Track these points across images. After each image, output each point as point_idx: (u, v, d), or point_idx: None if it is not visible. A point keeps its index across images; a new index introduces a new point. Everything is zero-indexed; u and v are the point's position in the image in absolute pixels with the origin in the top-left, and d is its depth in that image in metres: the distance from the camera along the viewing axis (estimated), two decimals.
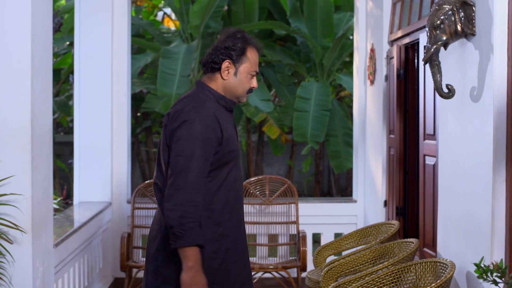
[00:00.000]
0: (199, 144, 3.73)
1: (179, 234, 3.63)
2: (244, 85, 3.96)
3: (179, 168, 3.70)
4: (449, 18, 4.98)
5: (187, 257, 3.66)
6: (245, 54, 3.93)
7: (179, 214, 3.63)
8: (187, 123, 3.75)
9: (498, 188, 4.70)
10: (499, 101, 4.68)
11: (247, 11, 14.25)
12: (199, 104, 3.84)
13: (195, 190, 3.69)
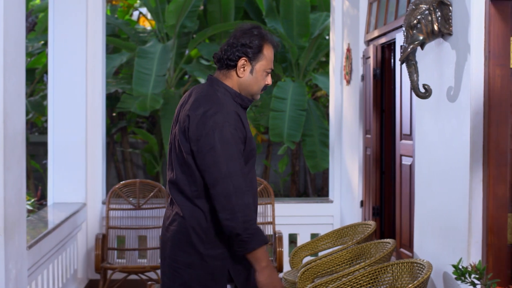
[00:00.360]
0: (234, 147, 3.65)
1: (247, 239, 3.60)
2: (259, 82, 3.87)
3: (223, 175, 3.62)
4: (425, 18, 4.96)
5: (259, 258, 3.64)
6: (261, 51, 3.83)
7: (242, 220, 3.58)
8: (218, 129, 3.65)
9: (475, 188, 4.68)
10: (476, 101, 4.66)
11: (223, 10, 14.22)
12: (222, 106, 3.73)
13: (246, 192, 3.65)
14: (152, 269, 7.64)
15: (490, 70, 4.62)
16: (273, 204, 8.24)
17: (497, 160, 4.63)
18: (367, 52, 7.59)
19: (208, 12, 14.45)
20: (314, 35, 13.86)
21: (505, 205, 4.65)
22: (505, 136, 4.63)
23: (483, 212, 4.67)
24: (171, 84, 14.21)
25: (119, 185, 8.26)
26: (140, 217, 8.28)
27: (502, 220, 4.65)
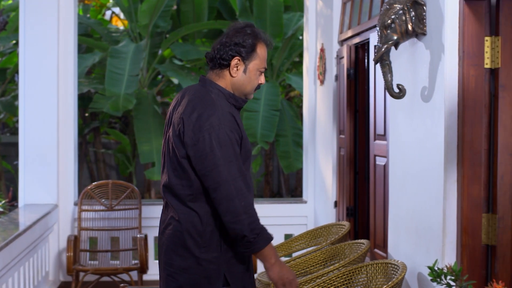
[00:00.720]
0: (231, 149, 3.61)
1: (254, 240, 3.57)
2: (252, 82, 3.82)
3: (224, 179, 3.57)
4: (400, 18, 4.94)
5: (267, 256, 3.62)
6: (255, 50, 3.78)
7: (247, 222, 3.55)
8: (214, 132, 3.60)
9: (449, 189, 4.67)
10: (450, 101, 4.65)
11: (196, 10, 14.17)
12: (216, 108, 3.67)
13: (248, 193, 3.61)
14: (125, 270, 7.58)
15: (464, 70, 4.61)
16: None
17: (471, 160, 4.62)
18: (341, 52, 7.57)
19: (181, 12, 14.39)
20: (287, 35, 13.85)
21: (479, 206, 4.64)
22: (479, 136, 4.62)
23: (458, 213, 4.66)
24: (144, 84, 14.14)
25: (91, 186, 8.19)
26: (112, 218, 8.22)
27: (476, 220, 4.64)
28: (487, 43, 4.61)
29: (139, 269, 7.60)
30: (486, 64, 4.61)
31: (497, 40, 4.57)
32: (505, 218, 4.60)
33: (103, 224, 8.20)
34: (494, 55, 4.58)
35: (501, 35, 4.57)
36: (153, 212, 8.53)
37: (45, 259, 7.90)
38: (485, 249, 4.67)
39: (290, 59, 14.62)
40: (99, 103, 12.81)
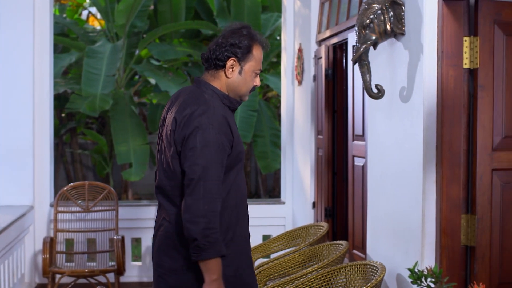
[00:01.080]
0: (214, 151, 3.55)
1: (204, 247, 3.48)
2: (248, 83, 3.79)
3: (197, 178, 3.51)
4: (378, 18, 4.91)
5: (210, 270, 3.52)
6: (251, 52, 3.74)
7: (203, 226, 3.47)
8: (200, 130, 3.55)
9: (428, 189, 4.65)
10: (429, 101, 4.63)
11: (173, 10, 14.11)
12: (208, 108, 3.62)
13: (215, 200, 3.53)
14: (102, 272, 7.52)
15: (443, 70, 4.59)
16: None
17: (450, 161, 4.60)
18: (319, 52, 7.54)
19: (158, 12, 14.33)
20: (265, 36, 13.80)
21: (458, 206, 4.62)
22: (458, 137, 4.60)
23: (437, 213, 4.64)
24: (120, 85, 14.05)
25: (68, 187, 8.11)
26: (89, 219, 8.15)
27: (455, 221, 4.62)
28: (465, 43, 4.59)
29: (116, 271, 7.54)
30: (465, 64, 4.60)
31: (476, 40, 4.56)
32: (484, 218, 4.59)
33: (79, 226, 8.13)
34: (473, 55, 4.57)
35: (480, 35, 4.56)
36: (130, 214, 8.48)
37: (20, 261, 7.82)
38: (464, 250, 4.66)
39: (267, 59, 14.58)
40: (76, 103, 12.72)
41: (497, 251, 4.64)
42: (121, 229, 8.20)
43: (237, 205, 3.76)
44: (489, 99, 4.58)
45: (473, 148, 4.61)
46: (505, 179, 4.65)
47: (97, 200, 8.09)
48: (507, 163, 4.65)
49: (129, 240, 8.48)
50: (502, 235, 4.65)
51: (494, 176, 4.61)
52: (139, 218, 8.60)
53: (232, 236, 3.72)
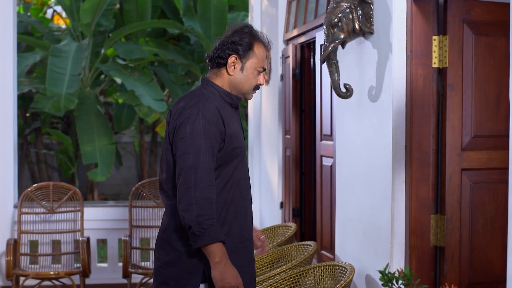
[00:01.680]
0: (204, 140, 3.58)
1: (199, 234, 3.49)
2: (250, 81, 3.79)
3: (188, 166, 3.55)
4: (347, 16, 4.88)
5: (212, 253, 3.52)
6: (252, 49, 3.75)
7: (195, 213, 3.49)
8: (190, 120, 3.59)
9: (398, 190, 4.62)
10: (398, 100, 4.59)
11: (139, 9, 14.03)
12: (201, 99, 3.66)
13: (207, 187, 3.54)
14: (67, 275, 7.40)
15: (412, 69, 4.56)
16: None
17: (419, 160, 4.57)
18: (286, 52, 7.49)
19: (124, 11, 14.23)
20: None
21: (427, 206, 4.59)
22: (427, 137, 4.57)
23: (406, 214, 4.61)
24: (86, 84, 13.93)
25: (32, 188, 7.99)
26: (53, 221, 8.03)
27: (425, 221, 4.60)
28: (434, 42, 4.56)
29: (82, 273, 7.43)
30: (434, 63, 4.57)
31: (445, 39, 4.53)
32: (454, 219, 4.56)
33: (44, 227, 8.00)
34: (442, 54, 4.54)
35: (449, 34, 4.54)
36: (96, 214, 8.38)
37: None
38: (433, 250, 4.63)
39: None
40: (41, 103, 12.58)
41: (466, 251, 4.62)
42: (86, 230, 8.09)
43: (234, 202, 3.75)
44: (458, 98, 4.55)
45: (442, 148, 4.58)
46: (474, 179, 4.63)
47: (62, 201, 7.97)
48: (476, 163, 4.63)
49: (94, 241, 8.37)
50: (472, 235, 4.63)
51: (463, 176, 4.59)
52: (104, 219, 8.50)
53: (227, 231, 3.71)
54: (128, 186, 16.96)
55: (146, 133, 16.96)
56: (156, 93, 13.00)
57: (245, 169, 3.82)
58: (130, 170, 17.64)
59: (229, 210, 3.72)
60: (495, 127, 4.66)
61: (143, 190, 8.10)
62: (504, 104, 4.66)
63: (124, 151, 17.42)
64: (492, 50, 4.64)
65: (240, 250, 3.79)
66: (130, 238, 7.76)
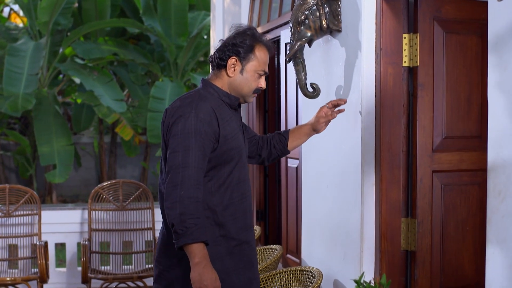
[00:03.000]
0: (194, 138, 3.51)
1: (181, 232, 3.41)
2: (250, 84, 3.71)
3: (176, 164, 3.48)
4: (313, 14, 4.73)
5: (192, 253, 3.43)
6: (253, 51, 3.67)
7: (179, 212, 3.40)
8: (183, 118, 3.53)
9: (367, 192, 4.48)
10: (367, 100, 4.45)
11: (98, 8, 13.93)
12: (196, 99, 3.62)
13: (194, 186, 3.47)
14: (24, 281, 7.19)
15: (382, 68, 4.43)
16: (152, 209, 7.92)
17: (390, 162, 4.44)
18: None
19: (83, 10, 14.12)
20: (192, 34, 13.66)
21: (398, 210, 4.46)
22: (397, 138, 4.44)
23: (376, 217, 4.48)
24: (44, 84, 13.71)
25: None
26: (10, 224, 7.80)
27: (395, 225, 4.46)
28: (405, 41, 4.44)
29: (39, 278, 7.21)
30: (404, 62, 4.44)
31: (415, 37, 4.41)
32: (425, 222, 4.44)
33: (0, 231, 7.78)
34: (413, 53, 4.42)
35: (419, 32, 4.41)
36: (54, 218, 8.16)
37: None
38: (404, 255, 4.51)
39: (195, 59, 14.46)
40: None
41: (438, 255, 4.50)
42: (44, 233, 7.88)
43: (232, 204, 3.70)
44: (429, 98, 4.43)
45: (413, 149, 4.45)
46: (445, 181, 4.51)
47: (19, 204, 7.75)
48: (447, 164, 4.51)
49: (52, 245, 8.16)
50: (443, 239, 4.51)
51: (434, 178, 4.47)
52: (63, 222, 8.28)
53: (224, 233, 3.66)
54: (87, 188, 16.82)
55: (106, 134, 16.83)
56: (116, 93, 12.89)
57: (244, 171, 3.76)
58: (89, 171, 17.49)
59: (226, 212, 3.67)
60: (466, 128, 4.54)
61: (103, 193, 7.90)
62: (475, 104, 4.55)
63: (83, 152, 17.25)
64: (463, 48, 4.52)
65: (236, 252, 3.71)
66: (89, 242, 7.58)
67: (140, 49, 14.38)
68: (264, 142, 4.13)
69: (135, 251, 7.96)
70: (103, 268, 7.85)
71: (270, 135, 4.16)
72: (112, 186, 8.01)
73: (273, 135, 4.17)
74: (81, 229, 8.11)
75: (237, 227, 3.70)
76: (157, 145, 15.59)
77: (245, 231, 3.75)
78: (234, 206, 3.69)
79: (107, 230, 7.87)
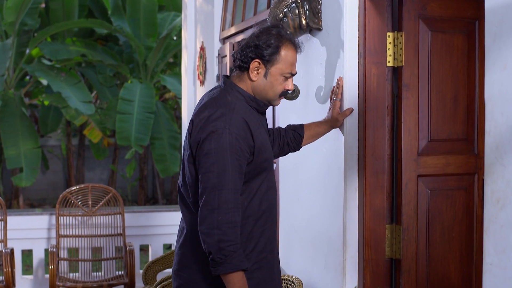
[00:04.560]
0: (230, 157, 3.27)
1: (220, 260, 3.22)
2: (275, 88, 3.48)
3: (211, 186, 3.25)
4: (292, 11, 4.55)
5: (231, 282, 3.26)
6: (278, 53, 3.43)
7: (217, 238, 3.21)
8: (215, 135, 3.28)
9: (350, 198, 4.27)
10: (350, 102, 4.25)
11: (66, 8, 13.79)
12: (228, 111, 3.35)
13: (232, 209, 3.25)
14: None
15: (365, 68, 4.22)
16: (123, 214, 7.71)
17: (373, 166, 4.24)
18: (223, 51, 7.12)
19: (50, 10, 13.99)
20: (162, 35, 13.51)
21: (382, 216, 4.27)
22: (381, 141, 4.25)
23: (359, 224, 4.27)
24: (10, 85, 13.47)
25: None
26: None
27: (379, 232, 4.27)
28: (389, 39, 4.24)
29: (4, 287, 6.97)
30: (389, 62, 4.25)
31: (400, 36, 4.22)
32: (410, 229, 4.25)
33: None
34: (397, 52, 4.23)
35: (404, 30, 4.21)
36: (21, 224, 7.91)
37: None
38: (389, 263, 4.31)
39: (164, 60, 14.30)
40: None
41: (423, 263, 4.30)
42: (10, 240, 7.63)
43: (262, 216, 3.48)
44: (414, 99, 4.23)
45: (397, 153, 4.26)
46: (431, 186, 4.31)
47: None
48: (433, 168, 4.31)
49: (19, 252, 7.91)
50: (428, 246, 4.32)
51: (420, 182, 4.27)
52: (30, 228, 8.02)
53: (253, 247, 3.46)
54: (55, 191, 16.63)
55: (74, 136, 16.66)
56: (84, 95, 12.72)
57: (272, 180, 3.54)
58: (57, 174, 17.29)
59: (257, 225, 3.45)
60: (453, 130, 4.35)
61: (71, 198, 7.67)
62: (461, 106, 4.37)
63: (50, 155, 17.04)
64: (449, 48, 4.33)
65: (269, 265, 3.53)
66: (57, 249, 7.33)
67: (108, 50, 14.21)
68: (277, 137, 3.93)
69: (104, 258, 7.73)
70: (71, 276, 7.63)
71: (282, 129, 3.96)
72: (80, 190, 7.79)
73: (286, 130, 3.97)
74: (49, 235, 7.87)
75: (266, 238, 3.49)
76: (126, 148, 15.41)
77: (272, 241, 3.55)
78: (265, 217, 3.48)
79: (75, 236, 7.65)
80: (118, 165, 16.44)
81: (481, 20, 4.39)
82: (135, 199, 16.94)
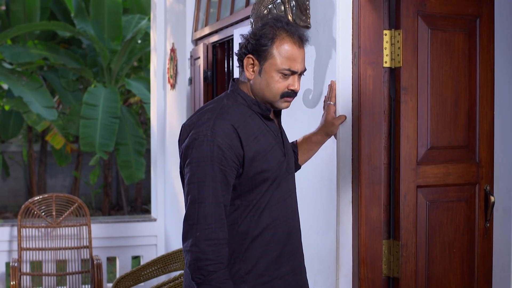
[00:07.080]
0: (211, 167, 2.96)
1: (198, 281, 2.94)
2: (271, 87, 3.09)
3: (192, 199, 2.97)
4: (278, 7, 4.23)
5: None
6: (271, 46, 3.06)
7: (195, 257, 2.92)
8: (197, 142, 2.98)
9: (344, 211, 3.92)
10: (343, 106, 3.90)
11: (27, 10, 13.54)
12: (215, 116, 3.03)
13: (211, 225, 2.94)
14: None
15: (360, 69, 3.87)
16: (89, 225, 7.32)
17: (369, 177, 3.88)
18: (196, 52, 6.76)
19: (10, 12, 13.75)
20: (126, 39, 13.24)
21: (379, 230, 3.91)
22: (378, 149, 3.89)
23: (354, 240, 3.92)
24: None
25: None
26: None
27: (376, 248, 3.91)
28: (386, 38, 3.90)
29: None
30: (385, 62, 3.90)
31: (398, 34, 3.88)
32: (409, 244, 3.91)
33: None
34: (395, 52, 3.88)
35: (403, 28, 3.87)
36: None
37: None
38: (386, 282, 3.97)
39: (129, 64, 14.01)
40: None
41: (423, 281, 3.96)
42: None
43: (262, 234, 3.12)
44: (413, 104, 3.89)
45: (395, 162, 3.91)
46: (431, 197, 3.97)
47: None
48: (432, 178, 3.97)
49: None
50: (428, 263, 3.98)
51: (419, 194, 3.93)
52: None
53: (251, 268, 3.11)
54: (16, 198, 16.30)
55: (35, 142, 16.34)
56: (46, 99, 12.41)
57: (280, 193, 3.16)
58: (18, 181, 16.94)
59: (254, 243, 3.10)
60: (453, 136, 4.02)
61: (34, 208, 7.25)
62: (462, 110, 4.04)
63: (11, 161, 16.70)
64: (449, 47, 4.00)
65: None
66: (19, 263, 6.92)
67: (71, 54, 13.91)
68: None
69: (70, 272, 7.33)
70: None
71: None
72: (44, 200, 7.39)
73: None
74: (10, 248, 7.45)
75: (268, 260, 3.12)
76: (90, 154, 15.08)
77: (277, 264, 3.16)
78: (266, 237, 3.12)
79: (39, 249, 7.25)
80: (81, 171, 16.10)
81: (482, 17, 4.08)
82: (99, 206, 16.60)
